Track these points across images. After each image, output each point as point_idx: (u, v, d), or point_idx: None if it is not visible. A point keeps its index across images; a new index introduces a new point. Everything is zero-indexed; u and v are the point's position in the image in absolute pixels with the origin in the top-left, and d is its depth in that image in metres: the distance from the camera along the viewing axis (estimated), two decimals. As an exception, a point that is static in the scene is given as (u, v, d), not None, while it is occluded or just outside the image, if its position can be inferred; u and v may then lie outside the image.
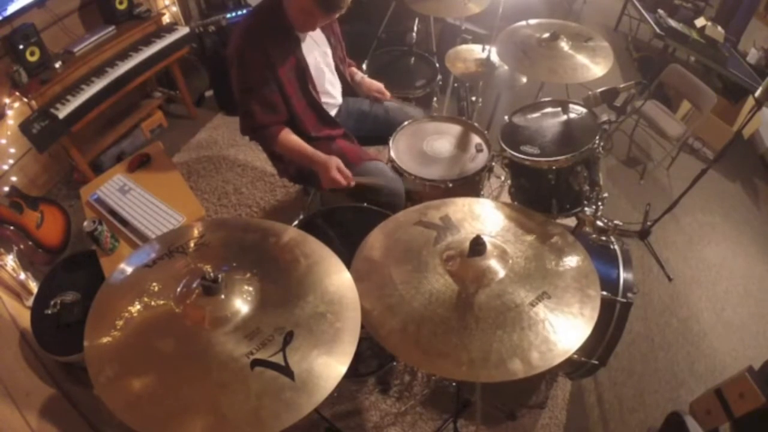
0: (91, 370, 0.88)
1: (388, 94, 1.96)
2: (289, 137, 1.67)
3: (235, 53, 1.55)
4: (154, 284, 1.03)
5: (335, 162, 1.61)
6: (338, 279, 1.07)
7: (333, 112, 1.87)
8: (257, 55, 1.52)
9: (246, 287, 1.00)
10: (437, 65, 2.41)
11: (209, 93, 3.30)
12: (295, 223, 1.60)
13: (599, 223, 1.62)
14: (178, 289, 1.00)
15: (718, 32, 3.33)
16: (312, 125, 1.73)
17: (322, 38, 1.72)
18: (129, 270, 1.07)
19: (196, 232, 1.15)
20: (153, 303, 0.99)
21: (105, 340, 0.92)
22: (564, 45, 1.83)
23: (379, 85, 1.96)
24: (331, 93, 1.83)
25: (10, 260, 1.93)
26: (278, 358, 0.89)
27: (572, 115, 1.75)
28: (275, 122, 1.64)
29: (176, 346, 0.91)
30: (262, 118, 1.61)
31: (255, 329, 0.93)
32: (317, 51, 1.71)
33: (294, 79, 1.63)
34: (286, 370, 0.87)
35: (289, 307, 0.99)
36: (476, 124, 1.92)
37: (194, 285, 0.98)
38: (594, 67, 1.77)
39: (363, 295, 1.06)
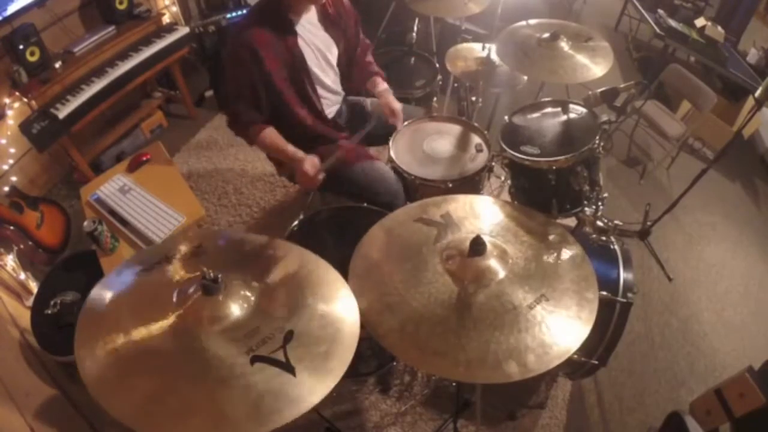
0: (83, 373, 0.86)
1: (400, 121, 1.83)
2: (269, 136, 1.65)
3: (227, 50, 1.57)
4: (153, 287, 1.03)
5: (310, 158, 1.60)
6: (336, 290, 1.07)
7: (333, 110, 1.87)
8: (245, 53, 1.52)
9: (244, 292, 1.00)
10: (437, 65, 2.40)
11: (209, 93, 3.30)
12: (295, 223, 1.60)
13: (599, 223, 1.62)
14: (177, 292, 1.00)
15: (718, 32, 3.33)
16: (311, 120, 1.73)
17: (325, 37, 1.71)
18: (124, 274, 1.07)
19: (192, 241, 1.15)
20: (151, 305, 0.99)
21: (100, 342, 0.92)
22: (564, 45, 1.83)
23: (394, 108, 1.80)
24: (333, 90, 1.83)
25: (10, 260, 1.93)
26: (279, 355, 0.89)
27: (572, 115, 1.75)
28: (257, 121, 1.64)
29: (175, 344, 0.91)
30: (245, 116, 1.62)
31: (255, 328, 0.93)
32: (318, 51, 1.69)
33: (288, 76, 1.62)
34: (287, 366, 0.87)
35: (289, 308, 0.99)
36: (476, 124, 1.92)
37: (192, 290, 0.98)
38: (594, 67, 1.76)
39: (362, 294, 1.06)
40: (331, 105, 1.85)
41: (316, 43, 1.66)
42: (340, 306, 1.03)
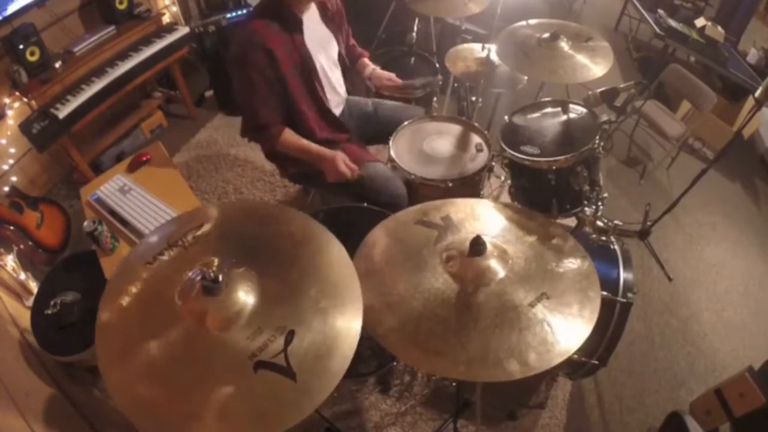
0: (104, 374, 0.89)
1: (399, 81, 1.93)
2: (292, 136, 1.66)
3: (236, 53, 1.53)
4: (153, 283, 1.02)
5: (341, 156, 1.62)
6: (339, 269, 1.06)
7: (339, 110, 1.87)
8: (260, 54, 1.50)
9: (247, 283, 1.00)
10: (437, 65, 2.40)
11: (209, 93, 3.30)
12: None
13: (599, 223, 1.63)
14: (178, 289, 0.99)
15: (718, 32, 3.32)
16: (317, 123, 1.73)
17: (327, 34, 1.71)
18: (130, 265, 1.07)
19: (196, 224, 1.14)
20: (154, 303, 0.99)
21: (113, 340, 0.93)
22: (564, 45, 1.83)
23: (389, 74, 1.93)
24: (337, 90, 1.83)
25: (10, 260, 1.93)
26: (280, 359, 0.88)
27: (572, 115, 1.75)
28: (277, 122, 1.64)
29: (180, 350, 0.91)
30: (265, 118, 1.61)
31: (257, 329, 0.93)
32: (323, 49, 1.69)
33: (299, 76, 1.62)
34: (288, 372, 0.87)
35: (291, 303, 0.98)
36: (476, 124, 1.92)
37: (195, 282, 0.97)
38: (594, 67, 1.76)
39: (362, 294, 1.05)
40: (336, 105, 1.85)
41: (320, 41, 1.66)
42: (341, 302, 1.01)
